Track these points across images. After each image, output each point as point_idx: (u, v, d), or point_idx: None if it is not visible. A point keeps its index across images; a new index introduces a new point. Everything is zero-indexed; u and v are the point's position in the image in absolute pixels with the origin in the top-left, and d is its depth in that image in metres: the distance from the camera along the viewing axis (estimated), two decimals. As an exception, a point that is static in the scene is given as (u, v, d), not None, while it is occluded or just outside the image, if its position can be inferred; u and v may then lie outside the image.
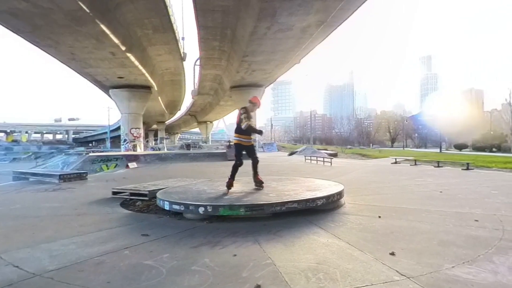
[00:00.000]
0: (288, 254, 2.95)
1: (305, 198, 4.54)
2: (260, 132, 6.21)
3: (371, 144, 71.59)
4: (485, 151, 38.50)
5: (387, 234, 3.51)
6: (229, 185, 5.49)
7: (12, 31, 14.03)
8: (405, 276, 2.40)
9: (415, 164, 14.18)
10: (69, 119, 78.69)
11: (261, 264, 2.70)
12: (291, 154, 28.54)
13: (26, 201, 6.40)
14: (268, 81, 26.22)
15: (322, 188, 5.38)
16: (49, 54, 17.46)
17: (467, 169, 11.37)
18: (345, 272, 2.51)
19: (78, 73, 21.90)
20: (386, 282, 2.32)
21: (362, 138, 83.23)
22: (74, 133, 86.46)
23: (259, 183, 5.60)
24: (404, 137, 73.56)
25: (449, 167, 12.73)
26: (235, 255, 2.95)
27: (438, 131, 45.88)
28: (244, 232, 3.67)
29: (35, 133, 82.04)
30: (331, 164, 14.42)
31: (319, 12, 13.22)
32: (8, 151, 42.28)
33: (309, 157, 17.70)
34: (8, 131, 75.25)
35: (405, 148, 58.19)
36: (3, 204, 6.15)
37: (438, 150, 39.00)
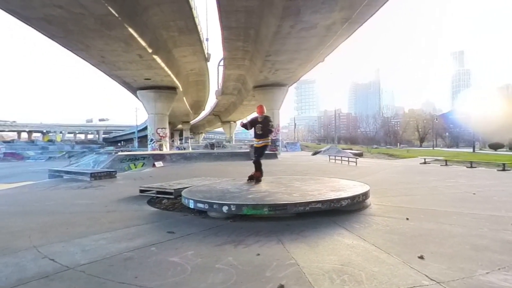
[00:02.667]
0: (312, 255, 2.91)
1: (329, 198, 4.47)
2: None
3: (398, 144, 69.28)
4: (523, 151, 36.20)
5: (416, 237, 3.38)
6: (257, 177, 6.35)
7: (48, 37, 14.82)
8: (434, 281, 2.30)
9: (446, 165, 13.59)
10: (100, 120, 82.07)
11: (285, 264, 2.69)
12: (315, 153, 28.22)
13: (61, 198, 6.75)
14: (291, 80, 26.05)
15: (346, 188, 5.28)
16: (80, 57, 18.28)
17: (503, 170, 10.74)
18: (370, 274, 2.44)
19: (107, 75, 22.77)
20: (414, 286, 2.24)
21: (388, 138, 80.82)
22: (104, 133, 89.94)
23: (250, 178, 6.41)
24: (434, 136, 70.53)
25: (483, 168, 12.09)
26: (258, 254, 2.95)
27: (471, 129, 43.74)
28: (267, 232, 3.67)
29: (69, 133, 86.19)
30: (356, 164, 14.11)
31: (344, 9, 12.96)
32: (44, 150, 44.69)
33: (333, 157, 17.42)
34: (44, 131, 79.62)
35: (435, 148, 55.87)
36: (40, 200, 6.53)
37: (471, 150, 37.18)
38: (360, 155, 24.97)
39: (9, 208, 5.72)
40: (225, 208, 4.30)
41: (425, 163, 15.19)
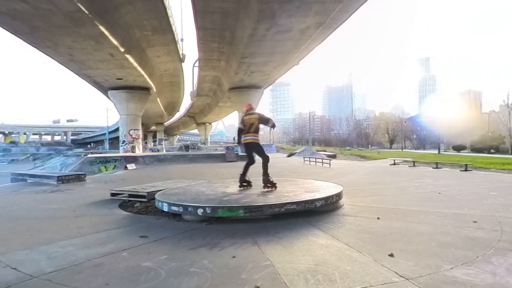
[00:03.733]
0: (287, 256, 2.94)
1: (304, 199, 4.54)
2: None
3: (369, 146, 71.80)
4: (483, 153, 38.60)
5: (386, 236, 3.51)
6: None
7: (11, 33, 14.01)
8: (404, 277, 2.40)
9: (414, 166, 14.21)
10: (68, 121, 78.74)
11: (260, 266, 2.70)
12: (290, 155, 28.54)
13: (24, 203, 6.37)
14: (267, 82, 26.28)
15: (321, 189, 5.39)
16: (47, 55, 17.44)
17: (466, 170, 11.40)
18: (344, 273, 2.50)
19: (77, 74, 21.89)
20: (385, 283, 2.32)
21: (361, 140, 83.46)
22: (72, 135, 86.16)
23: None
24: (403, 138, 73.78)
25: (448, 169, 12.76)
26: (234, 257, 2.94)
27: (436, 132, 46.05)
28: (243, 234, 3.66)
29: (34, 134, 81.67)
30: (329, 165, 14.44)
31: (318, 14, 13.26)
32: (6, 153, 42.16)
33: (308, 159, 17.72)
34: (6, 132, 74.94)
35: (403, 150, 58.35)
36: (1, 206, 6.11)
37: (436, 152, 39.12)
38: (333, 156, 25.56)
39: (-34, 215, 5.31)
40: (200, 211, 4.25)
41: (394, 164, 15.79)
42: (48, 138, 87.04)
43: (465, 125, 51.00)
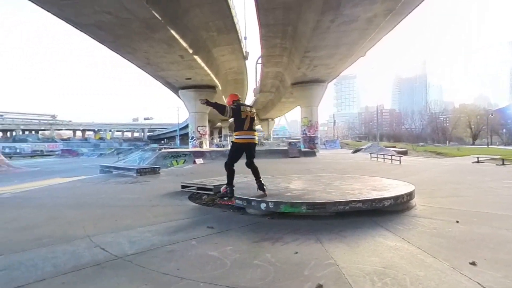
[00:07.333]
0: (352, 255, 2.83)
1: (370, 198, 4.31)
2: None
3: (447, 141, 64.79)
4: None
5: (467, 241, 3.15)
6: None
7: (99, 42, 15.90)
8: (489, 289, 2.13)
9: (503, 164, 12.46)
10: (145, 119, 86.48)
11: (323, 264, 2.64)
12: (356, 151, 27.35)
13: (110, 192, 7.24)
14: (331, 76, 25.42)
15: (389, 188, 5.06)
16: (128, 60, 19.38)
17: None
18: (415, 279, 2.31)
19: (152, 76, 23.91)
20: (465, 294, 2.09)
21: (436, 135, 75.93)
22: (148, 131, 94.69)
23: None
24: (489, 133, 64.93)
25: (548, 168, 10.91)
26: (296, 253, 2.93)
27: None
28: (305, 230, 3.63)
29: (117, 131, 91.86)
30: (400, 162, 13.45)
31: (387, 0, 12.36)
32: (96, 147, 48.20)
33: (375, 155, 16.75)
34: (96, 130, 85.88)
35: (490, 146, 51.45)
36: (92, 193, 7.07)
37: (533, 148, 33.67)
38: (404, 153, 23.76)
39: (66, 200, 6.26)
40: (263, 205, 4.33)
41: (478, 162, 14.06)
42: (129, 134, 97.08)
43: None
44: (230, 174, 5.04)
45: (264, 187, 4.90)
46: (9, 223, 4.37)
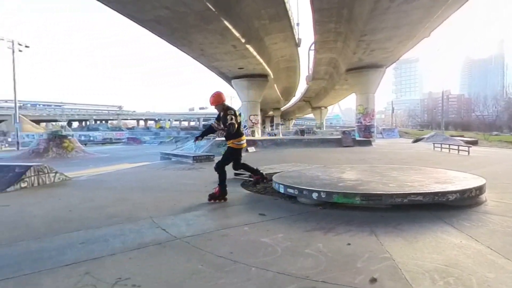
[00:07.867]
0: (410, 251, 2.68)
1: (433, 191, 4.00)
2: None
3: (528, 130, 57.02)
4: None
5: (549, 243, 2.78)
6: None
7: (158, 35, 16.84)
8: None
9: None
10: (200, 108, 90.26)
11: (378, 257, 2.55)
12: (416, 141, 25.49)
13: (170, 177, 7.78)
14: (389, 60, 23.80)
15: (455, 180, 4.64)
16: (184, 52, 20.27)
17: None
18: (483, 280, 2.12)
19: (206, 67, 24.71)
20: (545, 301, 1.86)
21: (514, 123, 67.15)
22: (203, 120, 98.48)
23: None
24: None
25: None
26: (349, 244, 2.87)
27: None
28: (359, 222, 3.52)
29: (175, 120, 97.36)
30: (468, 153, 12.23)
31: (457, -28, 11.10)
32: (157, 136, 51.60)
33: (439, 145, 15.43)
34: (157, 119, 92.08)
35: None
36: (154, 178, 7.67)
37: None
38: (474, 143, 21.51)
39: (132, 184, 6.90)
40: (314, 195, 4.28)
41: None
42: (186, 123, 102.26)
43: None
44: (223, 174, 4.97)
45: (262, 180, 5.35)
46: (87, 203, 5.00)
